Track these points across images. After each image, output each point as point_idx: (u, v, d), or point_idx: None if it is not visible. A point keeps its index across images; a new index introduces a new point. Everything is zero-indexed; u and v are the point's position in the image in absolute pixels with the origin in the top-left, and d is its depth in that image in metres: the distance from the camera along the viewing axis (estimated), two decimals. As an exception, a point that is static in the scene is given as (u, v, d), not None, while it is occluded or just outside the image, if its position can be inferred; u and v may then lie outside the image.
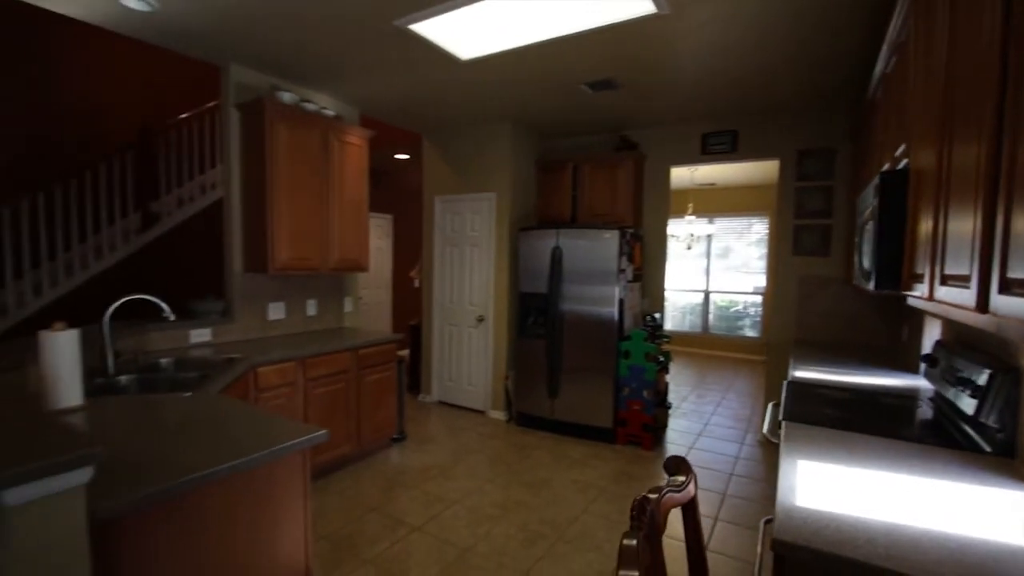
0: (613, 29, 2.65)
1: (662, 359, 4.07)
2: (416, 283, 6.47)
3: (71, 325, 1.78)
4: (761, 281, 7.85)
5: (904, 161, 1.65)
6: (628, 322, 4.10)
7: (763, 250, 7.82)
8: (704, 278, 8.42)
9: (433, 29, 2.67)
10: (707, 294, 8.42)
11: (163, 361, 2.65)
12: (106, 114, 4.83)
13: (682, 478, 1.00)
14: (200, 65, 5.13)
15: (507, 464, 3.56)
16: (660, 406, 4.15)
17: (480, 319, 4.63)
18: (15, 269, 3.98)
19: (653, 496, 0.86)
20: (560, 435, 4.18)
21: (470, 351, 4.74)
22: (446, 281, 4.88)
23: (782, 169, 3.99)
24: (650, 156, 4.53)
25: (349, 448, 3.35)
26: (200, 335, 3.10)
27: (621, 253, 3.88)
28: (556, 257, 4.08)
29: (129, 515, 1.15)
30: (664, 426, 4.20)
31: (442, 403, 4.98)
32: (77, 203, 4.23)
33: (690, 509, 1.02)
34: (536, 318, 4.24)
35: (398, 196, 7.11)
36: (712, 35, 2.71)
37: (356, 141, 3.67)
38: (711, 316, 8.46)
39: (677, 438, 4.19)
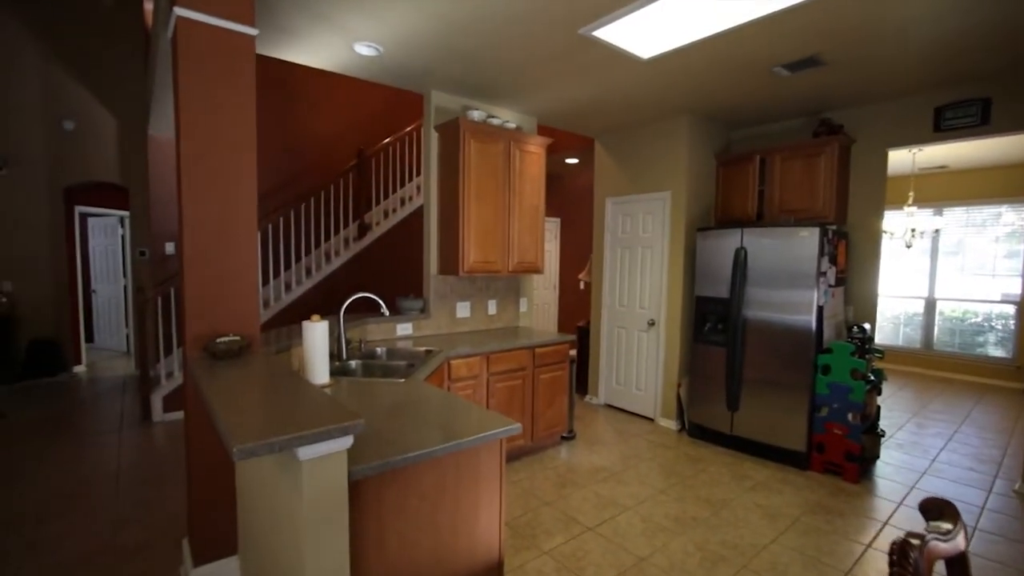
0: (821, 1, 2.35)
1: (873, 377, 3.47)
2: (583, 285, 6.55)
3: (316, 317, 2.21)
4: (1014, 286, 6.18)
5: None
6: (828, 332, 3.58)
7: (1018, 247, 6.13)
8: (927, 282, 6.94)
9: (615, 32, 2.68)
10: (932, 302, 6.91)
11: (379, 350, 3.13)
12: (332, 144, 5.88)
13: (948, 526, 0.84)
14: (401, 95, 5.89)
15: (680, 476, 3.40)
16: (869, 432, 3.53)
17: (651, 323, 4.49)
18: (274, 271, 5.09)
19: (916, 541, 0.75)
20: (739, 452, 3.84)
21: (639, 355, 4.63)
22: (616, 283, 4.85)
23: (1062, 144, 3.08)
24: (860, 139, 3.89)
25: (524, 441, 3.55)
26: (404, 328, 3.59)
27: (822, 253, 3.41)
28: (740, 259, 3.76)
29: (368, 478, 1.39)
30: (874, 457, 3.57)
31: (609, 406, 4.97)
32: (313, 218, 5.22)
33: (959, 565, 0.85)
34: (714, 324, 3.96)
35: (566, 200, 7.28)
36: (961, -12, 2.22)
37: (535, 150, 3.86)
38: (936, 329, 6.93)
39: (892, 473, 3.52)
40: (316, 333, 2.20)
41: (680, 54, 2.98)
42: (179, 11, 1.96)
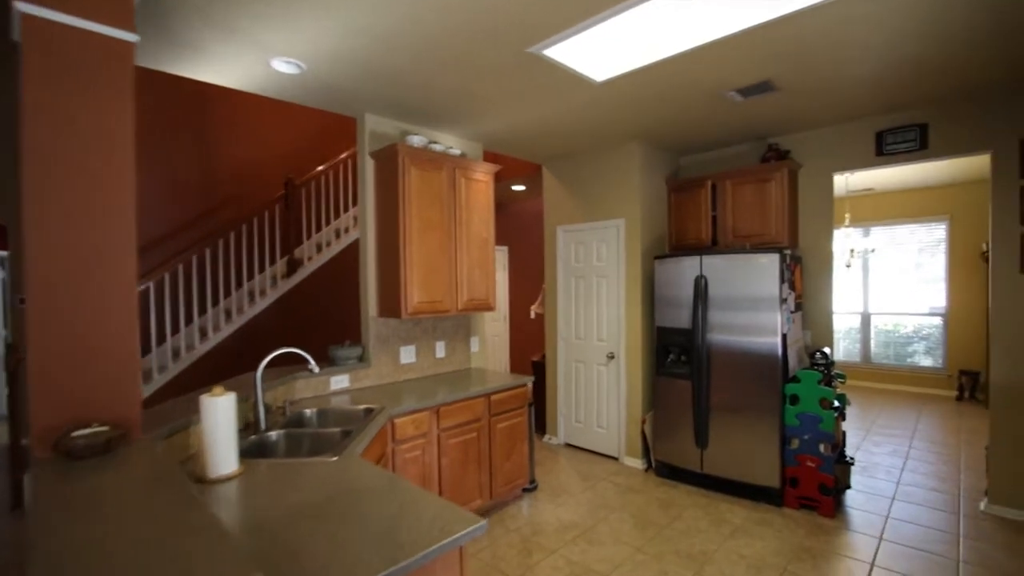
0: (782, 22, 2.23)
1: (837, 404, 3.37)
2: (533, 315, 6.28)
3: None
4: (938, 300, 6.52)
5: None
6: (792, 360, 3.47)
7: (938, 261, 6.50)
8: (862, 297, 7.23)
9: (567, 52, 2.46)
10: (867, 316, 7.19)
11: (308, 412, 2.67)
12: (257, 173, 5.34)
13: None
14: (336, 120, 5.47)
15: (656, 527, 3.11)
16: (840, 462, 3.42)
17: (611, 356, 4.26)
18: (186, 317, 4.44)
19: None
20: (711, 492, 3.62)
21: (600, 391, 4.37)
22: (572, 315, 4.60)
23: (995, 165, 3.17)
24: (806, 164, 3.90)
25: (482, 501, 3.15)
26: (339, 382, 3.12)
27: (782, 280, 3.31)
28: (700, 287, 3.61)
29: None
30: (846, 487, 3.46)
31: (570, 445, 4.65)
32: (233, 256, 4.65)
33: None
34: (677, 356, 3.77)
35: (514, 227, 7.04)
36: (897, 16, 2.17)
37: (482, 177, 3.57)
38: (872, 342, 7.20)
39: (863, 503, 3.41)
40: (218, 411, 1.75)
41: (634, 77, 2.81)
42: (23, 7, 1.52)
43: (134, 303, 1.70)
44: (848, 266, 5.55)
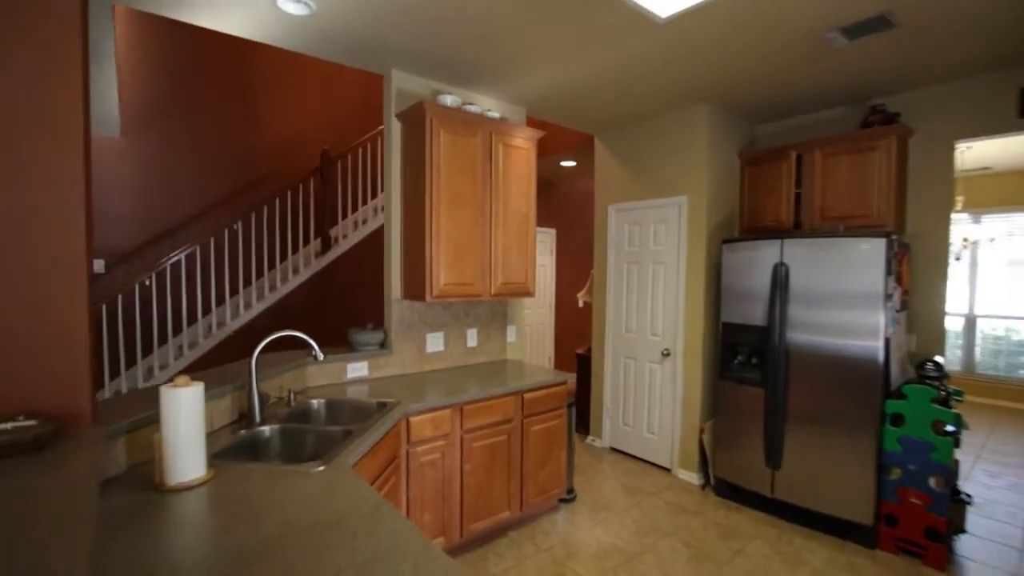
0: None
1: (952, 428, 2.71)
2: (582, 304, 5.80)
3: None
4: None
5: None
6: (894, 370, 2.83)
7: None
8: (967, 297, 6.21)
9: (626, -26, 1.96)
10: (972, 320, 6.18)
11: (315, 404, 2.36)
12: (298, 146, 5.15)
13: None
14: (378, 93, 5.13)
15: (715, 562, 2.61)
16: (954, 500, 2.77)
17: (666, 353, 3.73)
18: (218, 294, 4.32)
19: None
20: (783, 521, 3.06)
21: (652, 392, 3.86)
22: (623, 305, 4.09)
23: None
24: (920, 130, 3.18)
25: (510, 513, 2.76)
26: (357, 369, 2.82)
27: (888, 271, 2.67)
28: (780, 277, 3.02)
29: None
30: (960, 530, 2.80)
31: (615, 450, 4.18)
32: (266, 233, 4.47)
33: None
34: (747, 357, 3.20)
35: (563, 207, 6.55)
36: None
37: (522, 144, 3.13)
38: (977, 350, 6.19)
39: (983, 552, 2.75)
40: (180, 405, 1.44)
41: (705, 12, 2.26)
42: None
43: (82, 278, 1.41)
44: (958, 259, 4.69)
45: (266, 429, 1.98)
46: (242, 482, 1.47)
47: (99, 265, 4.43)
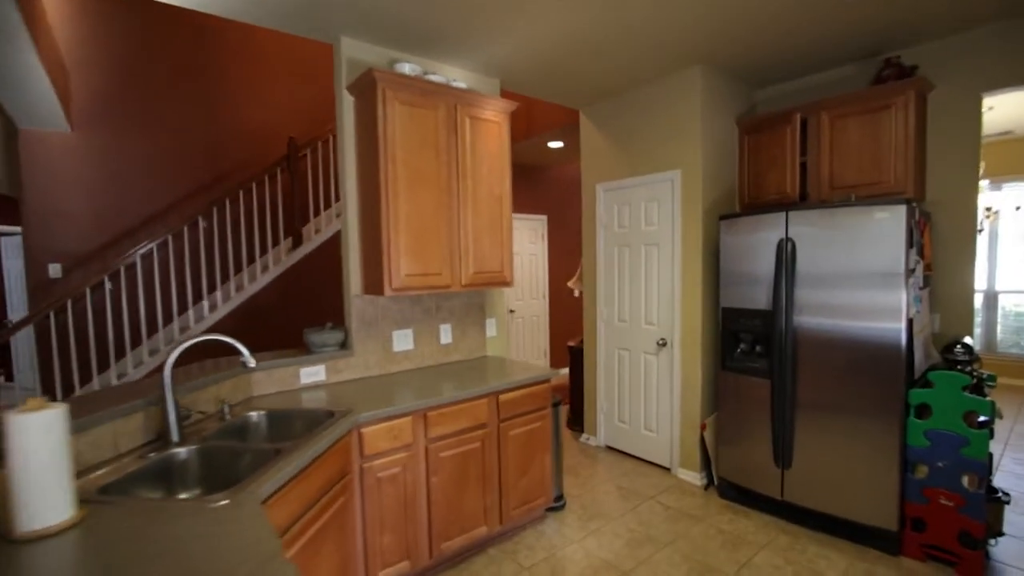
0: None
1: (984, 418, 2.38)
2: (576, 293, 5.49)
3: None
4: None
5: None
6: (918, 355, 2.51)
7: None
8: (986, 271, 5.83)
9: None
10: (992, 295, 5.80)
11: (255, 416, 2.07)
12: (260, 135, 4.84)
13: None
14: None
15: (721, 574, 2.32)
16: (989, 499, 2.44)
17: (662, 343, 3.42)
18: (194, 291, 4.04)
19: None
20: (794, 525, 2.76)
21: (648, 386, 3.55)
22: (615, 292, 3.77)
23: None
24: (940, 85, 2.82)
25: (488, 528, 2.47)
26: (311, 374, 2.52)
27: (910, 243, 2.34)
28: (785, 255, 2.69)
29: None
30: (998, 533, 2.48)
31: (611, 449, 3.88)
32: (231, 231, 4.19)
33: None
34: (751, 345, 2.88)
35: (554, 193, 6.22)
36: None
37: (493, 117, 2.80)
38: (999, 327, 5.82)
39: (1020, 554, 2.43)
40: (31, 435, 1.15)
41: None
42: None
43: None
44: (981, 230, 4.33)
45: (182, 451, 1.69)
46: (118, 524, 1.18)
47: (55, 270, 4.17)
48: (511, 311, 5.81)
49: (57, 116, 3.84)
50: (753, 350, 2.87)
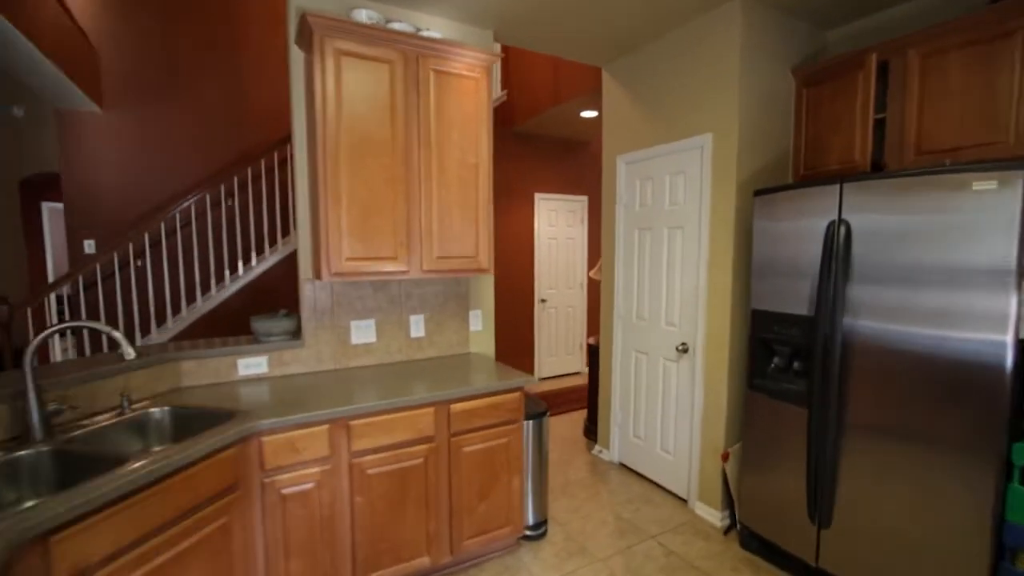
0: None
1: None
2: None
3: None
4: None
5: None
6: (1033, 390, 1.74)
7: None
8: None
9: None
10: None
11: (157, 413, 1.85)
12: (280, 118, 4.74)
13: None
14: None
15: (710, 662, 1.77)
16: None
17: (683, 349, 2.82)
18: (187, 282, 4.04)
19: None
20: (837, 596, 2.10)
21: (667, 397, 2.97)
22: (632, 285, 3.20)
23: None
24: (1101, -1, 1.94)
25: (430, 559, 2.10)
26: (251, 366, 2.28)
27: (1026, 228, 1.59)
28: (835, 241, 2.00)
29: None
30: None
31: (624, 467, 3.34)
32: (239, 213, 4.11)
33: None
34: (786, 361, 2.23)
35: (596, 171, 5.61)
36: None
37: (466, 71, 2.35)
38: None
39: None
40: None
41: None
42: None
43: None
44: None
45: (26, 453, 1.48)
46: None
47: (89, 246, 4.36)
48: (542, 300, 5.34)
49: (81, 97, 3.94)
50: (790, 366, 2.21)
